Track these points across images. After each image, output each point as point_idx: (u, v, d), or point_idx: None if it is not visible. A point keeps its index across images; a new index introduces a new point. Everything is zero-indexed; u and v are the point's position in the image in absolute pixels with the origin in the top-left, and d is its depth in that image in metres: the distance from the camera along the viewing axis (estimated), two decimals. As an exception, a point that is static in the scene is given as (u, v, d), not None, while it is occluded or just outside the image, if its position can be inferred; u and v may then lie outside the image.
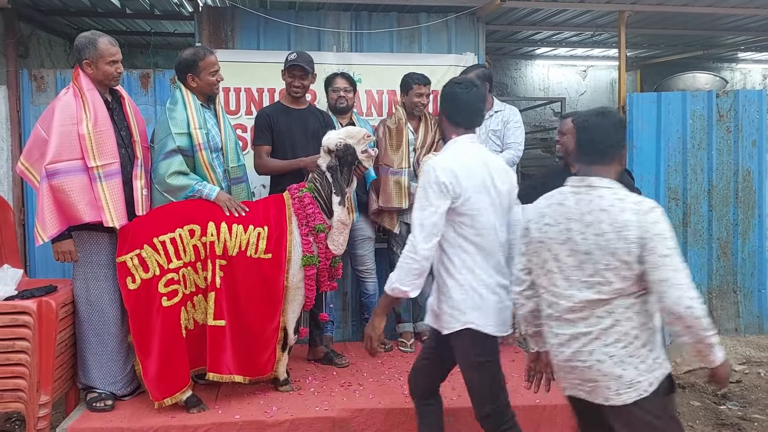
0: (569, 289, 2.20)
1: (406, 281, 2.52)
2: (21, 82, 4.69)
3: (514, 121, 4.46)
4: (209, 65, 3.51)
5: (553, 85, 9.07)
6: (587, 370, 2.19)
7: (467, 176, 2.50)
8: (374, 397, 3.52)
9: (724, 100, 5.30)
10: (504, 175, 2.63)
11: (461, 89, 2.62)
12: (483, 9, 4.97)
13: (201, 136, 3.44)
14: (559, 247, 2.23)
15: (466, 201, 2.50)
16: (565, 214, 2.24)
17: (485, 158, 2.62)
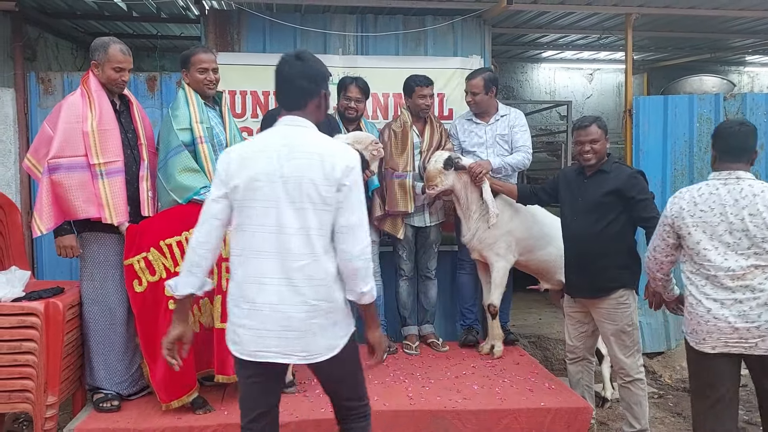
0: (726, 262, 2.69)
1: None
2: (28, 85, 4.73)
3: (520, 125, 4.46)
4: (197, 62, 3.54)
5: (560, 89, 9.05)
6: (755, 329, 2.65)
7: (244, 165, 2.19)
8: (379, 399, 3.52)
9: (731, 103, 5.28)
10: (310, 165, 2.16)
11: (284, 65, 2.27)
12: (489, 12, 4.97)
13: (202, 129, 3.47)
14: (715, 228, 2.71)
15: (236, 191, 2.19)
16: (718, 201, 2.73)
17: (292, 143, 2.19)
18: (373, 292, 2.23)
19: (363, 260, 2.17)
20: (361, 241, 2.17)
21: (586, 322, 3.67)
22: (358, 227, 2.17)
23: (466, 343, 4.48)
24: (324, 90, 2.29)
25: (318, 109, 2.30)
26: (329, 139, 2.29)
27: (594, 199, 3.45)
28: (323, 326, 2.19)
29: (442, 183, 4.06)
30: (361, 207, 2.19)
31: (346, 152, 2.22)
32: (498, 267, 4.16)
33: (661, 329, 5.17)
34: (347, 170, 2.16)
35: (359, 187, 2.19)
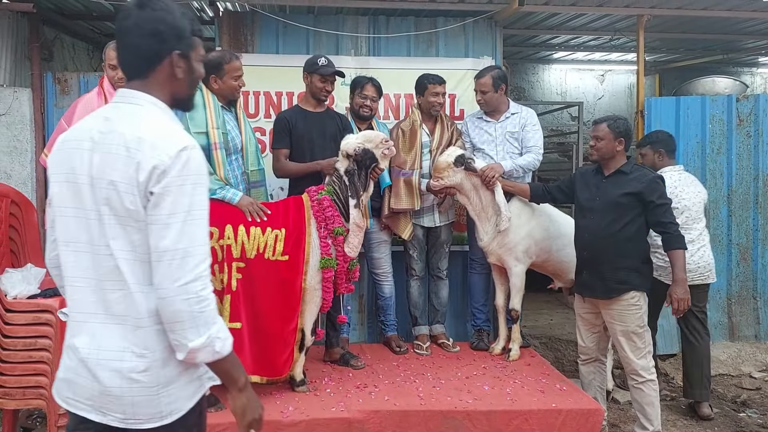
0: None
1: None
2: (45, 85, 4.80)
3: (532, 124, 4.43)
4: (233, 69, 3.58)
5: (571, 90, 9.04)
6: None
7: (59, 158, 1.66)
8: (390, 398, 3.53)
9: (744, 104, 5.25)
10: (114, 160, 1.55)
11: (121, 18, 1.64)
12: (500, 13, 4.97)
13: (217, 135, 3.50)
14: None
15: (51, 195, 1.69)
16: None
17: (108, 129, 1.58)
18: (214, 344, 1.55)
19: (186, 300, 1.50)
20: (179, 276, 1.50)
21: (598, 323, 3.67)
22: (171, 253, 1.50)
23: (478, 348, 4.45)
24: (178, 50, 1.63)
25: (172, 79, 1.65)
26: (157, 123, 1.59)
27: (612, 199, 3.45)
28: (145, 384, 1.57)
29: (449, 178, 4.03)
30: (183, 225, 1.51)
31: (162, 146, 1.53)
32: (516, 272, 4.14)
33: (673, 331, 5.14)
34: (156, 173, 1.51)
35: (175, 196, 1.51)
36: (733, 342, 5.19)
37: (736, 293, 5.27)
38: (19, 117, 4.71)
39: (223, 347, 1.59)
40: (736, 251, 5.26)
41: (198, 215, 1.55)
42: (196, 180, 1.55)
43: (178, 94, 1.69)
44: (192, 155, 1.55)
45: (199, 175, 1.56)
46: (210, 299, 1.55)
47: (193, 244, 1.53)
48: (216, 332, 1.56)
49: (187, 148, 1.54)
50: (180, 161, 1.52)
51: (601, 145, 3.51)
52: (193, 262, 1.52)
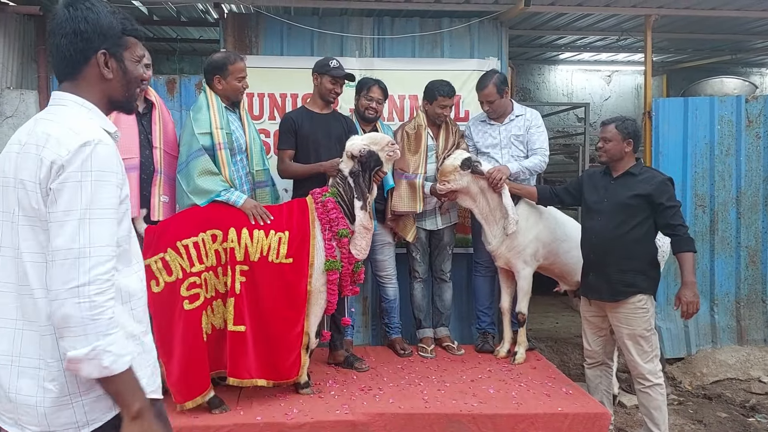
0: None
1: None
2: (51, 88, 4.81)
3: (536, 126, 4.40)
4: (237, 70, 3.58)
5: (577, 91, 8.99)
6: None
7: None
8: (394, 401, 3.51)
9: (753, 105, 5.20)
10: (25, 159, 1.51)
11: (50, 20, 1.63)
12: (506, 14, 4.95)
13: (222, 135, 3.50)
14: None
15: None
16: None
17: (31, 130, 1.55)
18: (102, 358, 1.41)
19: (78, 304, 1.39)
20: (72, 277, 1.40)
21: (604, 326, 3.64)
22: (65, 252, 1.41)
23: (483, 350, 4.43)
24: (104, 49, 1.57)
25: (101, 79, 1.59)
26: (71, 121, 1.52)
27: (621, 200, 3.43)
28: (56, 394, 1.50)
29: (455, 181, 4.00)
30: (80, 224, 1.42)
31: (65, 141, 1.47)
32: (524, 275, 4.12)
33: (681, 335, 5.10)
34: (54, 168, 1.45)
35: (72, 191, 1.43)
36: (742, 346, 5.14)
37: (745, 296, 5.22)
38: (25, 119, 4.71)
39: (114, 363, 1.42)
40: (745, 254, 5.20)
41: (99, 214, 1.45)
42: (99, 176, 1.46)
43: (112, 95, 1.63)
44: (96, 150, 1.46)
45: (102, 171, 1.46)
46: (106, 307, 1.42)
47: (91, 244, 1.42)
48: (107, 345, 1.41)
49: (90, 143, 1.46)
50: (80, 156, 1.44)
51: (609, 146, 3.48)
52: (89, 263, 1.41)
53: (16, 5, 4.59)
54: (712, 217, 5.17)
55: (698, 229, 5.06)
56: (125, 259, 1.62)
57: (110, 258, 1.46)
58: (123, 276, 1.60)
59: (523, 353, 4.21)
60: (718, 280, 5.17)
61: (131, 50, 1.64)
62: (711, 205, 5.17)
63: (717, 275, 5.17)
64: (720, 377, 4.82)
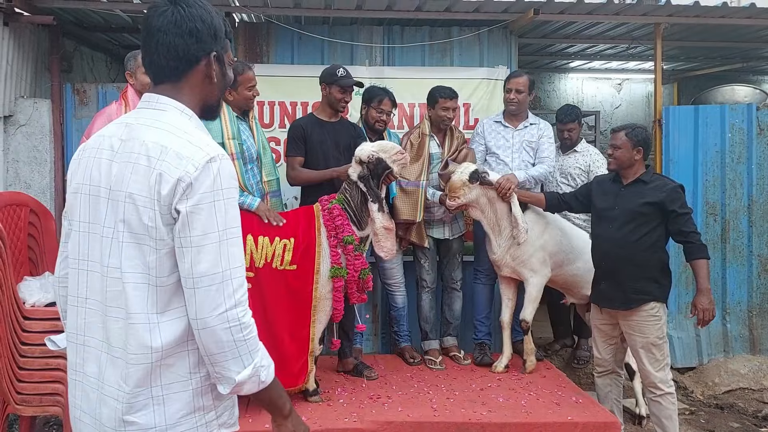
0: None
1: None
2: (64, 96, 4.87)
3: (548, 136, 4.45)
4: (246, 80, 3.62)
5: (588, 99, 8.97)
6: None
7: (79, 166, 1.52)
8: (403, 409, 3.51)
9: (764, 113, 5.18)
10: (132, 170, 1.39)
11: (152, 15, 1.46)
12: (516, 22, 4.97)
13: (234, 146, 3.54)
14: None
15: (67, 208, 1.57)
16: None
17: (129, 136, 1.44)
18: (260, 373, 1.41)
19: (228, 329, 1.36)
20: (223, 301, 1.35)
21: (615, 334, 3.62)
22: (209, 278, 1.35)
23: (482, 364, 4.33)
24: (214, 51, 1.49)
25: (207, 82, 1.51)
26: (183, 131, 1.41)
27: (632, 208, 3.42)
28: (141, 426, 1.40)
29: (465, 196, 3.98)
30: (219, 247, 1.36)
31: (188, 156, 1.36)
32: (533, 282, 4.08)
33: (693, 344, 5.07)
34: (181, 186, 1.34)
35: (208, 213, 1.35)
36: (755, 355, 5.09)
37: (758, 305, 5.17)
38: (38, 127, 4.78)
39: (268, 375, 1.44)
40: (757, 262, 5.17)
41: (233, 233, 1.39)
42: (229, 194, 1.38)
43: (209, 99, 1.54)
44: (222, 166, 1.38)
45: (230, 188, 1.38)
46: (252, 326, 1.40)
47: (231, 266, 1.37)
48: (260, 360, 1.42)
49: (216, 159, 1.37)
50: (209, 174, 1.35)
51: (619, 154, 3.48)
52: (232, 286, 1.37)
53: (30, 15, 4.65)
54: (723, 225, 5.14)
55: (710, 238, 5.03)
56: None
57: (245, 276, 1.43)
58: None
59: (533, 361, 4.16)
60: (730, 288, 5.13)
61: (229, 54, 1.57)
62: (722, 214, 5.14)
63: (729, 284, 5.13)
64: (732, 387, 4.78)
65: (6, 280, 3.18)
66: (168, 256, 1.37)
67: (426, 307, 4.48)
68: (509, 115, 4.46)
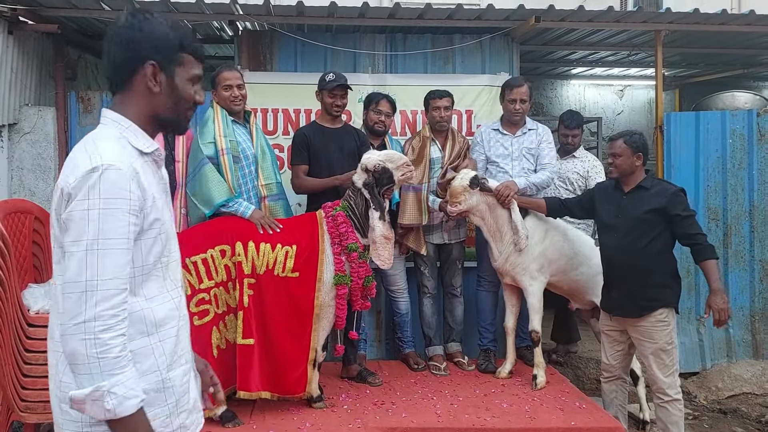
0: None
1: None
2: (69, 104, 4.90)
3: (547, 141, 4.42)
4: (222, 80, 3.68)
5: (590, 105, 9.00)
6: None
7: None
8: (407, 415, 3.51)
9: (765, 119, 5.19)
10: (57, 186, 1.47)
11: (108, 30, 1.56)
12: (517, 30, 4.99)
13: (225, 142, 3.58)
14: None
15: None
16: None
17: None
18: (104, 401, 1.32)
19: (83, 341, 1.32)
20: (81, 311, 1.33)
21: (623, 340, 3.61)
22: (72, 286, 1.34)
23: (486, 371, 4.31)
24: (153, 60, 1.49)
25: (148, 93, 1.51)
26: (93, 142, 1.45)
27: (636, 215, 3.42)
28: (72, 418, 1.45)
29: (466, 202, 3.97)
30: (87, 255, 1.35)
31: (78, 164, 1.40)
32: (533, 291, 4.03)
33: (696, 349, 5.07)
34: (65, 196, 1.39)
35: (80, 221, 1.36)
36: (758, 360, 5.08)
37: (760, 310, 5.17)
38: (43, 135, 4.81)
39: (119, 406, 1.33)
40: (759, 267, 5.17)
41: (109, 245, 1.35)
42: (107, 204, 1.36)
43: (158, 112, 1.53)
44: (105, 176, 1.36)
45: (110, 199, 1.36)
46: (111, 345, 1.33)
47: (98, 277, 1.33)
48: (111, 386, 1.32)
49: (97, 169, 1.36)
50: (86, 183, 1.35)
51: (619, 161, 3.48)
52: (95, 298, 1.33)
53: (34, 23, 4.69)
54: (725, 230, 5.15)
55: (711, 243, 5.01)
56: (155, 286, 1.51)
57: (119, 291, 1.37)
58: (153, 304, 1.50)
59: (544, 377, 4.02)
60: (733, 293, 5.13)
61: (185, 68, 1.55)
62: (724, 219, 5.15)
63: (731, 289, 5.13)
64: (735, 392, 4.78)
65: (10, 287, 3.20)
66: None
67: (428, 312, 4.49)
68: (507, 122, 4.44)
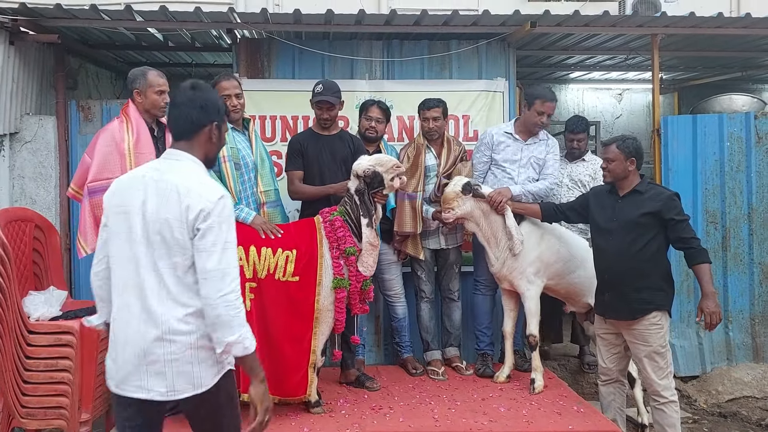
0: None
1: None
2: (69, 113, 4.94)
3: (554, 153, 4.45)
4: (219, 89, 3.69)
5: (588, 109, 9.01)
6: None
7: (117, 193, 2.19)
8: (405, 420, 3.52)
9: (762, 121, 5.20)
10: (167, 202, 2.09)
11: (176, 93, 2.26)
12: (513, 35, 5.02)
13: (226, 150, 3.61)
14: None
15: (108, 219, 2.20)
16: None
17: (161, 177, 2.13)
18: (245, 342, 2.03)
19: (224, 307, 2.00)
20: (221, 288, 2.01)
21: (618, 343, 3.62)
22: (215, 272, 2.01)
23: (484, 375, 4.31)
24: (216, 121, 2.19)
25: (209, 142, 2.20)
26: (199, 175, 2.15)
27: (630, 219, 3.43)
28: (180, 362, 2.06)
29: (459, 207, 4.00)
30: (222, 253, 2.03)
31: (206, 194, 2.07)
32: (530, 295, 4.04)
33: (696, 352, 5.06)
34: (203, 214, 2.04)
35: (216, 231, 2.04)
36: (758, 363, 5.07)
37: (760, 313, 5.17)
38: (44, 144, 4.85)
39: (251, 345, 2.06)
40: (758, 270, 5.17)
41: (231, 246, 2.08)
42: (230, 221, 2.09)
43: (209, 154, 2.24)
44: (226, 203, 2.09)
45: (231, 216, 2.11)
46: (241, 307, 2.05)
47: (229, 266, 2.05)
48: (246, 333, 2.05)
49: (224, 197, 2.09)
50: (219, 206, 2.06)
51: (613, 166, 3.50)
52: (229, 278, 2.04)
53: (35, 34, 4.73)
54: (724, 233, 5.16)
55: (710, 246, 5.03)
56: None
57: (238, 274, 2.09)
58: None
59: (541, 380, 4.03)
60: (732, 296, 5.13)
61: (225, 125, 2.31)
62: (723, 222, 5.16)
63: (731, 292, 5.13)
64: (736, 395, 4.77)
65: (11, 294, 3.23)
66: (187, 257, 2.05)
67: (426, 317, 4.50)
68: (523, 129, 4.40)
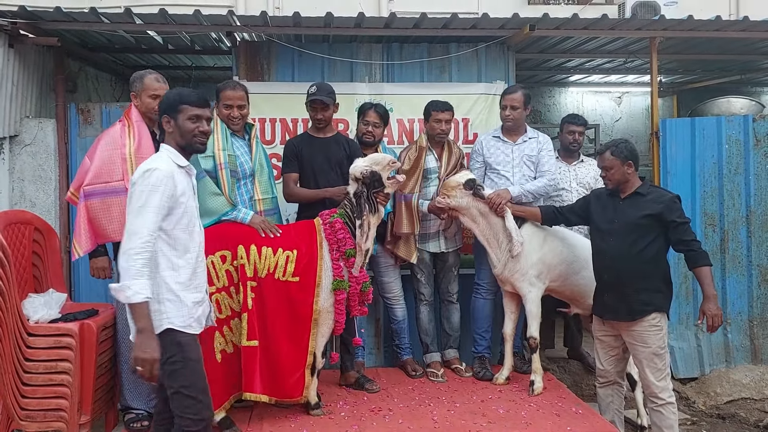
0: None
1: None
2: (69, 116, 4.95)
3: (547, 149, 4.45)
4: (224, 98, 3.72)
5: (588, 112, 9.02)
6: None
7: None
8: (404, 422, 3.52)
9: (760, 124, 5.21)
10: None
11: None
12: (513, 38, 5.03)
13: (223, 156, 3.60)
14: None
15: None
16: None
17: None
18: (126, 291, 2.35)
19: (124, 260, 2.38)
20: (126, 244, 2.40)
21: (616, 345, 3.63)
22: (127, 231, 2.43)
23: (484, 378, 4.31)
24: (165, 114, 2.62)
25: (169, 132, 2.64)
26: (154, 158, 2.62)
27: (631, 221, 3.45)
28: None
29: (456, 198, 4.01)
30: (136, 215, 2.44)
31: (140, 168, 2.53)
32: (531, 297, 4.04)
33: (694, 354, 5.07)
34: (131, 184, 2.53)
35: (136, 197, 2.46)
36: (756, 365, 5.08)
37: (758, 315, 5.18)
38: (43, 147, 4.86)
39: (131, 297, 2.36)
40: (757, 272, 5.18)
41: (145, 210, 2.43)
42: (151, 189, 2.45)
43: (179, 141, 2.63)
44: (152, 174, 2.47)
45: (154, 186, 2.46)
46: (138, 263, 2.37)
47: (138, 227, 2.41)
48: (130, 284, 2.36)
49: (149, 170, 2.48)
50: (142, 177, 2.47)
51: (611, 174, 3.51)
52: (136, 237, 2.40)
53: (35, 37, 4.74)
54: (722, 236, 5.17)
55: (709, 248, 5.02)
56: (180, 246, 2.57)
57: (149, 235, 2.43)
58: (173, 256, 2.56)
59: (541, 382, 4.04)
60: (731, 299, 5.14)
61: (183, 113, 2.60)
62: (721, 224, 5.17)
63: (729, 294, 5.14)
64: (734, 397, 4.78)
65: (10, 297, 3.23)
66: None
67: (425, 319, 4.50)
68: (507, 130, 4.46)
